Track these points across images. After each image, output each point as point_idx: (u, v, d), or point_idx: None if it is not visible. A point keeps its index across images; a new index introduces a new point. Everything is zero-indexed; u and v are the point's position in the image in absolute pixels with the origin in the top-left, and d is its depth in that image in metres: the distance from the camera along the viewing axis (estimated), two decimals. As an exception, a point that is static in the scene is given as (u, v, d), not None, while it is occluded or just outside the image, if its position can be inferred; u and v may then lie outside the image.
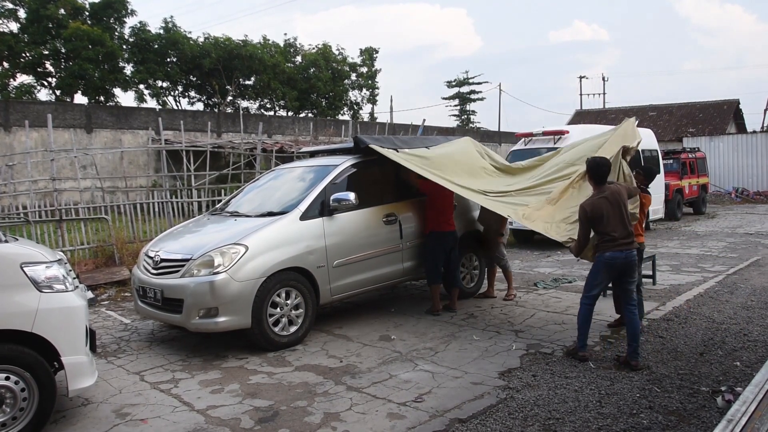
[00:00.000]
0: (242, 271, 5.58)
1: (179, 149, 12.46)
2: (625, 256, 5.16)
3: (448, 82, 53.20)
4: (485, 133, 37.62)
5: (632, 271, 5.29)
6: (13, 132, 19.42)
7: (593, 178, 5.31)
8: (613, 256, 5.15)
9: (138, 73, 30.02)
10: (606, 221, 5.14)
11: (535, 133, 13.47)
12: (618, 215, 5.16)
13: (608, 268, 5.22)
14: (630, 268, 5.24)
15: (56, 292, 4.01)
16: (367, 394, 4.68)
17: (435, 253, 6.98)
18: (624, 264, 5.18)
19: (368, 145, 6.79)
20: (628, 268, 5.22)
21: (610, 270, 5.23)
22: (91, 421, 4.34)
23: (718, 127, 31.49)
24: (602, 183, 5.26)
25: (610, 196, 5.18)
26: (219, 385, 4.96)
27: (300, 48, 36.73)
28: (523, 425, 4.04)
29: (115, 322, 7.25)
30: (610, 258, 5.16)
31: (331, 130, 25.53)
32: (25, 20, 27.58)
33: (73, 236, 9.94)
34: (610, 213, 5.14)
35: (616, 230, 5.13)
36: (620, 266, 5.19)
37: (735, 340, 5.78)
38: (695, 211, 19.29)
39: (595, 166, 5.27)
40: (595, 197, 5.24)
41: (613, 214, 5.15)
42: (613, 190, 5.23)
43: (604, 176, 5.26)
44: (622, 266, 5.19)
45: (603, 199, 5.18)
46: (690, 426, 3.97)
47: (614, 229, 5.13)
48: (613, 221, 5.14)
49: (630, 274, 5.27)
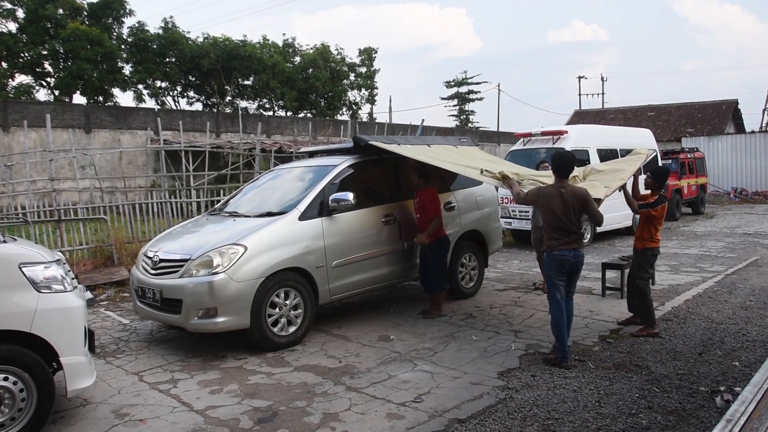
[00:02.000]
0: (241, 272, 5.58)
1: (178, 149, 12.45)
2: (574, 255, 5.23)
3: (447, 83, 53.24)
4: (484, 133, 37.62)
5: (579, 270, 5.35)
6: (12, 132, 19.39)
7: (555, 170, 5.34)
8: (562, 254, 5.23)
9: (137, 73, 29.98)
10: (552, 215, 5.23)
11: (534, 133, 13.47)
12: (565, 213, 5.19)
13: (561, 265, 5.25)
14: (578, 267, 5.32)
15: (55, 292, 4.01)
16: (366, 394, 4.68)
17: (443, 259, 7.05)
18: (572, 262, 5.25)
19: (368, 143, 6.78)
20: (575, 267, 5.29)
21: (562, 267, 5.26)
22: (89, 422, 4.33)
23: (716, 127, 31.52)
24: (563, 177, 5.30)
25: (565, 193, 5.22)
26: (218, 386, 4.95)
27: (299, 48, 36.73)
28: (522, 425, 4.04)
29: (113, 322, 7.24)
30: (560, 256, 5.23)
31: (330, 130, 25.53)
32: (23, 20, 27.54)
33: (71, 236, 9.93)
34: (558, 208, 5.19)
35: (562, 227, 5.20)
36: (570, 264, 5.25)
37: (734, 340, 5.78)
38: (694, 211, 19.30)
39: (557, 157, 5.34)
40: (551, 186, 5.32)
41: (561, 210, 5.19)
42: (575, 190, 5.26)
43: (564, 169, 5.29)
44: (571, 264, 5.25)
45: (557, 191, 5.23)
46: (689, 426, 3.97)
47: (561, 226, 5.20)
48: (561, 218, 5.19)
49: (577, 272, 5.35)
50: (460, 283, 7.77)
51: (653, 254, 6.17)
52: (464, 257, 7.79)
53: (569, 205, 5.18)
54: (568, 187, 5.27)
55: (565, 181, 5.30)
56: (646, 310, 6.07)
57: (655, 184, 6.15)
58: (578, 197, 5.20)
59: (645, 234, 6.12)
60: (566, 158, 5.33)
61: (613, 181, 5.96)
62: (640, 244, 6.18)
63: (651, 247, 6.11)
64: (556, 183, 5.32)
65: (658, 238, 6.14)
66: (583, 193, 5.24)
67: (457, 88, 52.76)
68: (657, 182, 6.14)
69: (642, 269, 6.15)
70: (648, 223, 6.10)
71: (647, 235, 6.11)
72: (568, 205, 5.18)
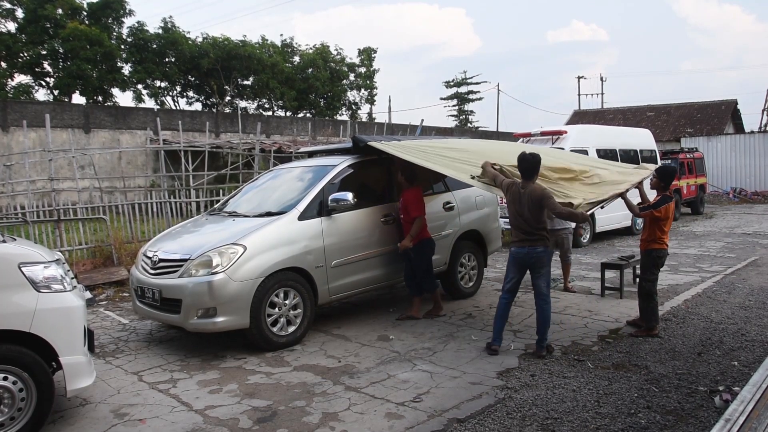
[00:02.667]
0: (240, 271, 5.58)
1: (177, 149, 12.45)
2: (527, 252, 5.45)
3: (447, 83, 53.21)
4: (483, 134, 37.61)
5: (539, 266, 5.48)
6: (11, 132, 19.39)
7: (519, 170, 5.54)
8: (516, 251, 5.52)
9: (136, 73, 29.98)
10: (512, 214, 5.51)
11: (534, 134, 13.48)
12: (524, 212, 5.39)
13: (515, 262, 5.56)
14: (535, 264, 5.47)
15: (54, 292, 4.01)
16: (365, 394, 4.68)
17: (429, 261, 6.90)
18: (526, 259, 5.47)
19: (367, 143, 6.78)
20: (533, 263, 5.47)
21: (516, 264, 5.55)
22: (89, 422, 4.33)
23: (716, 127, 31.53)
24: (527, 178, 5.47)
25: (528, 192, 5.39)
26: (217, 385, 4.95)
27: (298, 48, 36.74)
28: (521, 425, 4.04)
29: (113, 322, 7.24)
30: (515, 252, 5.54)
31: (329, 130, 25.51)
32: (22, 20, 27.53)
33: (71, 236, 9.93)
34: (518, 205, 5.42)
35: (519, 226, 5.46)
36: (523, 261, 5.49)
37: (733, 340, 5.79)
38: (693, 211, 19.31)
39: (520, 160, 5.52)
40: (517, 183, 5.51)
41: (518, 210, 5.42)
42: (532, 190, 5.39)
43: (525, 172, 5.47)
44: (525, 261, 5.48)
45: (520, 189, 5.44)
46: (688, 426, 3.97)
47: (518, 224, 5.46)
48: (519, 215, 5.43)
49: (536, 269, 5.50)
50: (460, 282, 7.78)
51: (657, 256, 6.04)
52: (463, 257, 7.79)
53: (525, 206, 5.38)
54: (530, 187, 5.43)
55: (528, 181, 5.45)
56: (651, 312, 6.04)
57: (660, 184, 6.06)
58: (534, 198, 5.35)
59: (648, 236, 6.07)
60: (525, 162, 5.47)
61: (604, 193, 5.84)
62: (643, 246, 6.16)
63: (654, 248, 6.03)
64: (522, 182, 5.49)
65: (663, 239, 6.02)
66: (538, 194, 5.36)
67: (456, 88, 52.74)
68: (663, 182, 6.05)
69: (646, 271, 6.11)
70: (653, 224, 6.02)
71: (651, 236, 6.04)
72: (524, 206, 5.39)
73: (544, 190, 5.41)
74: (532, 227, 5.41)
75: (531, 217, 5.38)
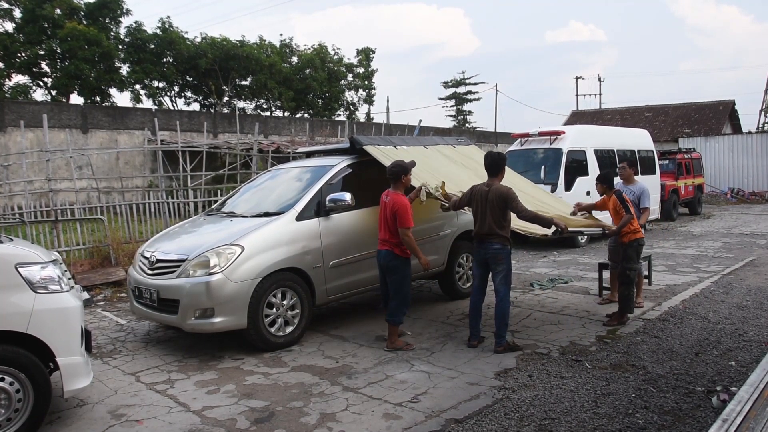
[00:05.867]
0: (238, 272, 5.57)
1: (175, 150, 12.44)
2: (485, 250, 5.66)
3: (445, 83, 53.40)
4: (481, 134, 37.67)
5: (495, 263, 5.65)
6: (9, 132, 19.35)
7: (485, 166, 5.79)
8: (479, 247, 5.73)
9: (134, 74, 29.94)
10: (475, 210, 5.67)
11: (532, 134, 13.50)
12: (485, 211, 5.57)
13: (475, 259, 5.85)
14: (492, 261, 5.65)
15: (51, 292, 4.00)
16: (363, 394, 4.68)
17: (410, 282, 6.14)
18: (485, 257, 5.69)
19: (363, 146, 6.77)
20: (490, 260, 5.67)
21: (477, 261, 5.82)
22: (86, 422, 4.33)
23: (713, 127, 31.56)
24: (492, 175, 5.69)
25: (491, 191, 5.56)
26: (215, 386, 4.95)
27: (296, 48, 36.73)
28: (519, 425, 4.04)
29: (110, 322, 7.23)
30: (477, 248, 5.77)
31: (327, 130, 25.51)
32: (20, 20, 27.47)
33: (68, 237, 9.91)
34: (480, 205, 5.60)
35: (479, 224, 5.64)
36: (482, 258, 5.72)
37: (730, 340, 5.79)
38: (691, 211, 19.33)
39: (485, 156, 5.88)
40: (481, 184, 5.72)
41: (482, 207, 5.59)
42: (496, 189, 5.56)
43: (489, 168, 5.71)
44: (484, 258, 5.70)
45: (484, 189, 5.62)
46: (685, 426, 3.97)
47: (479, 222, 5.64)
48: (480, 214, 5.61)
49: (493, 266, 5.67)
50: (458, 283, 7.78)
51: (639, 244, 6.61)
52: (461, 257, 7.79)
53: (490, 204, 5.54)
54: (494, 185, 5.61)
55: (493, 180, 5.68)
56: (628, 299, 6.48)
57: (604, 186, 6.66)
58: (500, 196, 5.53)
59: (628, 228, 6.53)
60: (490, 157, 5.79)
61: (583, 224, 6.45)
62: (625, 239, 6.58)
63: (636, 238, 6.55)
64: (488, 180, 5.71)
65: (637, 228, 6.60)
66: (503, 193, 5.51)
67: (454, 88, 52.89)
68: (605, 184, 6.65)
69: (630, 260, 6.54)
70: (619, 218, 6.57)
71: (628, 229, 6.51)
72: (489, 203, 5.55)
73: (510, 190, 5.57)
74: (492, 227, 5.54)
75: (490, 216, 5.53)
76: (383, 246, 5.88)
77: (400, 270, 5.84)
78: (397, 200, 5.74)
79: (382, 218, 5.91)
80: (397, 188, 5.88)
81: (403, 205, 5.71)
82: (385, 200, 5.89)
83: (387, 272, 5.91)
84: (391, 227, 5.79)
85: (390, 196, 5.84)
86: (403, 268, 5.86)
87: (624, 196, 6.56)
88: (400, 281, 5.85)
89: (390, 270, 5.86)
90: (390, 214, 5.76)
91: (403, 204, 5.71)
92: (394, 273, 5.84)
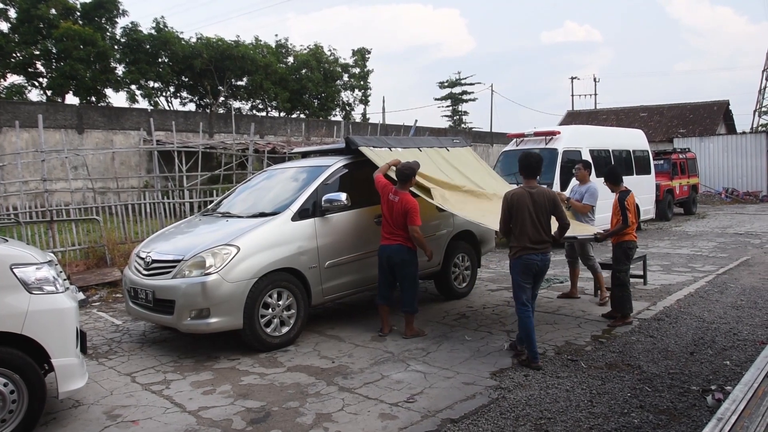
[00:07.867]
0: (234, 272, 5.57)
1: (171, 150, 12.43)
2: (540, 260, 5.22)
3: (441, 83, 53.37)
4: (477, 134, 37.68)
5: (544, 275, 5.38)
6: (4, 133, 19.26)
7: (522, 170, 5.35)
8: (529, 259, 5.19)
9: (129, 74, 29.85)
10: (521, 218, 5.14)
11: (527, 134, 13.52)
12: (539, 216, 5.16)
13: (525, 270, 5.23)
14: (543, 272, 5.33)
15: (46, 293, 3.99)
16: (359, 394, 4.68)
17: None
18: (540, 267, 5.25)
19: (358, 147, 6.78)
20: (542, 271, 5.30)
21: (527, 272, 5.24)
22: (81, 423, 4.31)
23: (708, 127, 31.69)
24: (530, 177, 5.29)
25: (536, 194, 5.19)
26: (211, 386, 4.94)
27: (291, 49, 36.68)
28: (515, 425, 4.05)
29: (106, 323, 7.21)
30: (526, 260, 5.19)
31: (323, 130, 25.49)
32: (15, 20, 27.33)
33: (64, 237, 9.88)
34: (529, 210, 5.14)
35: (529, 232, 5.15)
36: (536, 269, 5.24)
37: (725, 340, 5.82)
38: (686, 211, 19.40)
39: (522, 158, 5.38)
40: (520, 189, 5.27)
41: (531, 212, 5.14)
42: (542, 191, 5.24)
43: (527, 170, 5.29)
44: (538, 269, 5.25)
45: (527, 193, 5.19)
46: (680, 425, 3.99)
47: (530, 230, 5.15)
48: (530, 221, 5.14)
49: (541, 278, 5.37)
50: (453, 283, 7.79)
51: (628, 247, 6.52)
52: (457, 257, 7.80)
53: (537, 208, 5.16)
54: (537, 188, 5.26)
55: (532, 181, 5.29)
56: (626, 300, 6.44)
57: (610, 183, 6.62)
58: (547, 198, 5.22)
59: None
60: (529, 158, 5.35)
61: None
62: (614, 240, 6.59)
63: (625, 240, 6.50)
64: (525, 184, 5.31)
65: (631, 232, 6.49)
66: (552, 196, 5.29)
67: (450, 88, 52.88)
68: (612, 182, 6.60)
69: (620, 262, 6.53)
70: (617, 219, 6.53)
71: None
72: (538, 206, 5.16)
73: (553, 191, 5.32)
74: (543, 233, 5.19)
75: (542, 222, 5.17)
76: (393, 240, 6.11)
77: (411, 263, 6.15)
78: (408, 200, 6.03)
79: (389, 215, 6.12)
80: (404, 188, 6.11)
81: (414, 204, 6.02)
82: (393, 199, 6.08)
83: (398, 266, 6.13)
84: (400, 224, 6.04)
85: (399, 196, 6.06)
86: (414, 261, 6.18)
87: (625, 202, 6.37)
88: (413, 273, 6.20)
89: (402, 263, 6.12)
90: (401, 213, 6.01)
91: (414, 204, 6.02)
92: (407, 266, 6.13)
